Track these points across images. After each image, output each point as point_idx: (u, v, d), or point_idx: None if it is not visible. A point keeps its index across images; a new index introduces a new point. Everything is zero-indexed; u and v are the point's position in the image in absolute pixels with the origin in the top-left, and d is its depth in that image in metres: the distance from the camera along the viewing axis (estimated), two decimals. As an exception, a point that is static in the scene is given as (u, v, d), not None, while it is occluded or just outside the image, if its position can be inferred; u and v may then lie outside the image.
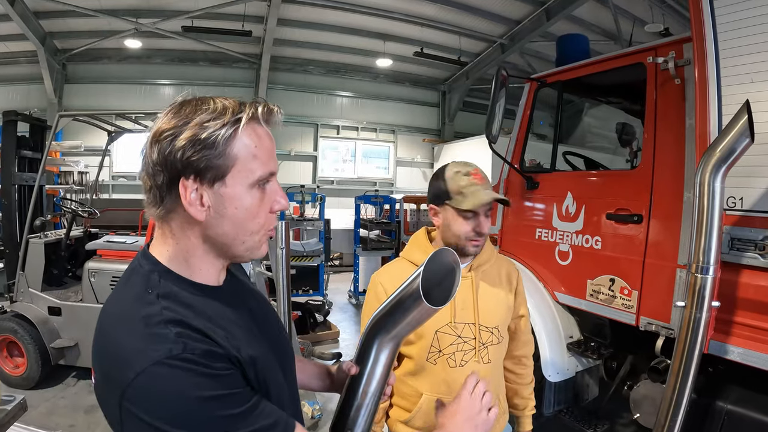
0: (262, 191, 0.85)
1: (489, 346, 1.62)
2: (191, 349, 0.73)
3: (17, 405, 2.24)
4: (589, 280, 2.92)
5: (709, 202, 1.90)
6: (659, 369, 2.43)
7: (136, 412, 0.72)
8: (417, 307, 0.95)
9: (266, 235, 0.89)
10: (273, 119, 0.86)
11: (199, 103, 0.81)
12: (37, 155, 5.02)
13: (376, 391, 1.06)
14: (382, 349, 1.05)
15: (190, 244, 0.85)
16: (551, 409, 3.07)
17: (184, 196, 0.79)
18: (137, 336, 0.75)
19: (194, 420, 0.71)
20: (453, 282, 0.99)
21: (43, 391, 4.18)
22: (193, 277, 0.86)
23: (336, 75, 12.85)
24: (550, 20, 9.33)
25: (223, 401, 0.73)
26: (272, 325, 1.05)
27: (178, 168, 0.78)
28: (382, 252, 7.59)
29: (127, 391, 0.72)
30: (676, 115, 2.53)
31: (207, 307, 0.84)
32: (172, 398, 0.71)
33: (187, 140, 0.78)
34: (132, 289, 0.83)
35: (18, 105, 9.83)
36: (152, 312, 0.77)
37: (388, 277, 1.65)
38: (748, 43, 1.98)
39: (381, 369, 1.06)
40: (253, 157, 0.82)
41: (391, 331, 1.04)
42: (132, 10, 9.48)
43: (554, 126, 3.37)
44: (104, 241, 4.58)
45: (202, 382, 0.72)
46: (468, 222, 1.54)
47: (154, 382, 0.71)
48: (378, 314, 1.05)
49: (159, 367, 0.71)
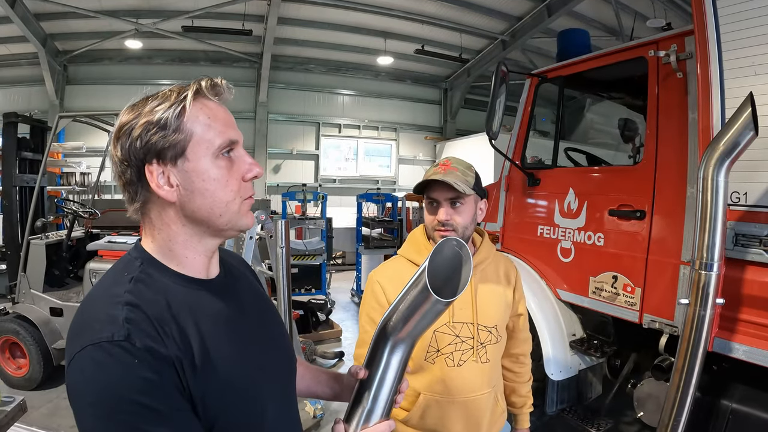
0: (228, 160, 0.85)
1: (487, 346, 1.60)
2: (133, 339, 0.72)
3: (16, 406, 2.24)
4: (592, 278, 2.89)
5: (712, 197, 1.87)
6: (663, 367, 2.40)
7: (69, 389, 0.74)
8: (427, 303, 0.90)
9: (244, 205, 0.88)
10: (219, 91, 0.87)
11: (148, 96, 0.84)
12: (38, 156, 5.02)
13: (386, 397, 0.99)
14: (394, 352, 0.99)
15: (171, 232, 0.86)
16: (554, 408, 3.05)
17: (151, 180, 0.81)
18: (93, 312, 0.77)
19: (109, 413, 0.70)
20: (462, 272, 0.95)
21: (45, 392, 4.18)
22: (179, 268, 0.87)
23: (337, 73, 12.83)
24: (551, 16, 9.30)
25: (144, 414, 0.70)
26: (270, 327, 1.03)
27: (141, 157, 0.81)
28: (384, 250, 7.56)
29: (68, 366, 0.74)
30: (679, 109, 2.50)
31: (185, 297, 0.83)
32: (96, 384, 0.71)
33: (142, 128, 0.80)
34: (112, 272, 0.86)
35: (19, 107, 9.88)
36: (117, 292, 0.78)
37: (385, 275, 1.63)
38: (750, 36, 1.95)
39: (392, 373, 0.99)
40: (207, 127, 0.83)
41: (402, 332, 0.97)
42: (132, 11, 9.49)
43: (555, 122, 3.34)
44: (105, 241, 4.57)
45: (131, 380, 0.70)
46: (431, 209, 1.58)
47: (87, 363, 0.72)
48: (388, 315, 0.99)
49: (95, 349, 0.71)
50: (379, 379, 0.99)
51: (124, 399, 0.70)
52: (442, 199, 1.54)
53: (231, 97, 0.90)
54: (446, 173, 1.51)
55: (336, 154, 13.40)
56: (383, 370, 0.99)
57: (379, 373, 0.99)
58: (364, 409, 0.98)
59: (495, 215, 3.65)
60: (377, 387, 0.99)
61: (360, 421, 0.97)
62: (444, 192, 1.53)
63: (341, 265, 10.36)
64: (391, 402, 1.00)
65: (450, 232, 1.53)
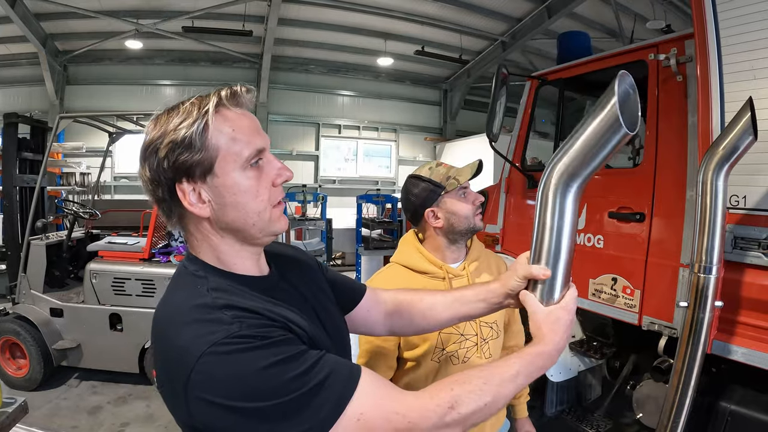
0: (257, 170, 0.86)
1: (489, 341, 1.63)
2: (248, 326, 0.75)
3: (18, 407, 2.23)
4: (591, 280, 2.90)
5: (712, 200, 1.87)
6: (662, 368, 2.41)
7: (205, 396, 0.72)
8: (614, 133, 0.85)
9: (277, 210, 0.90)
10: (240, 100, 0.87)
11: (170, 110, 0.85)
12: (39, 157, 5.04)
13: (570, 245, 0.95)
14: (568, 193, 0.93)
15: (213, 243, 0.88)
16: (554, 409, 3.06)
17: (183, 199, 0.83)
18: (193, 325, 0.77)
19: (265, 390, 0.72)
20: (632, 106, 0.90)
21: (45, 392, 4.19)
22: (234, 271, 0.89)
23: (337, 74, 12.82)
24: (551, 18, 9.30)
25: (287, 363, 0.74)
26: (333, 315, 1.06)
27: (170, 176, 0.82)
28: (384, 251, 7.57)
29: (192, 377, 0.72)
30: (678, 112, 2.51)
31: (255, 292, 0.86)
32: (237, 375, 0.72)
33: (167, 148, 0.81)
34: (182, 289, 0.86)
35: (20, 107, 9.86)
36: (205, 302, 0.80)
37: (382, 283, 1.64)
38: (750, 39, 1.95)
39: (570, 217, 0.94)
40: (233, 141, 0.83)
41: (579, 167, 0.91)
42: (132, 11, 9.47)
43: (556, 124, 3.35)
44: (106, 242, 4.58)
45: (263, 352, 0.73)
46: (466, 199, 1.63)
47: (217, 363, 0.72)
48: (559, 156, 0.93)
49: (219, 347, 0.72)
50: (557, 228, 0.95)
51: (266, 366, 0.72)
52: (469, 185, 1.66)
53: (253, 100, 0.90)
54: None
55: (336, 154, 13.38)
56: (560, 216, 0.94)
57: (557, 220, 0.94)
58: (549, 256, 0.96)
59: (495, 217, 3.65)
60: (557, 236, 0.95)
61: (546, 288, 0.97)
62: (474, 169, 1.64)
63: (341, 266, 10.35)
64: (573, 249, 0.96)
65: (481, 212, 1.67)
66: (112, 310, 4.21)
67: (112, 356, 4.28)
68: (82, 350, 4.28)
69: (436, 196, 1.61)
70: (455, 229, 1.62)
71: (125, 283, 4.21)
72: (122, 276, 4.23)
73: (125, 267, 4.27)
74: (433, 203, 1.62)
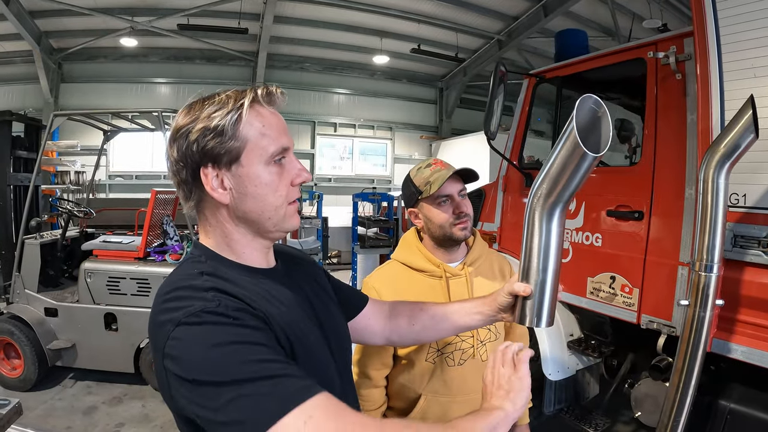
0: (279, 166, 0.90)
1: (487, 344, 1.61)
2: (225, 306, 0.77)
3: (12, 409, 2.21)
4: (590, 278, 2.89)
5: (713, 199, 1.87)
6: (660, 367, 2.41)
7: (173, 368, 0.74)
8: (578, 159, 0.93)
9: (291, 208, 0.93)
10: (274, 99, 0.92)
11: (205, 99, 0.89)
12: (33, 155, 4.98)
13: (554, 266, 1.05)
14: (552, 218, 1.04)
15: (226, 230, 0.92)
16: (552, 408, 3.06)
17: (206, 183, 0.87)
18: (178, 302, 0.79)
19: (229, 366, 0.71)
20: (602, 129, 0.97)
21: (40, 393, 4.15)
22: (239, 261, 0.92)
23: (333, 72, 12.81)
24: (547, 16, 9.33)
25: (252, 346, 0.74)
26: (334, 317, 1.07)
27: (197, 159, 0.86)
28: (380, 250, 7.54)
29: (166, 346, 0.75)
30: (677, 110, 2.50)
31: (252, 284, 0.88)
32: (204, 347, 0.72)
33: (199, 132, 0.85)
34: (181, 271, 0.90)
35: (14, 105, 9.81)
36: (193, 283, 0.83)
37: (381, 279, 1.63)
38: (750, 38, 1.95)
39: (555, 239, 1.05)
40: (262, 136, 0.88)
41: (553, 195, 1.01)
42: (127, 9, 9.43)
43: (553, 122, 3.33)
44: (100, 241, 4.54)
45: (233, 330, 0.75)
46: (445, 207, 1.57)
47: (188, 333, 0.74)
48: (539, 184, 1.03)
49: (193, 318, 0.75)
50: (544, 249, 1.04)
51: (233, 342, 0.73)
52: (455, 193, 1.57)
53: (285, 102, 0.94)
54: (450, 168, 1.57)
55: (331, 153, 13.38)
56: (546, 238, 1.04)
57: (543, 243, 1.04)
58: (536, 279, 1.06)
59: (492, 215, 3.64)
60: (543, 257, 1.05)
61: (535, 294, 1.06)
62: (455, 185, 1.57)
63: (337, 265, 10.34)
64: (558, 271, 1.07)
65: (467, 223, 1.57)
66: (107, 310, 4.17)
67: (107, 356, 4.24)
68: (76, 350, 4.25)
69: (415, 200, 1.61)
70: (432, 234, 1.61)
71: (120, 283, 4.18)
72: (117, 275, 4.20)
73: (120, 266, 4.23)
74: (414, 205, 1.63)
